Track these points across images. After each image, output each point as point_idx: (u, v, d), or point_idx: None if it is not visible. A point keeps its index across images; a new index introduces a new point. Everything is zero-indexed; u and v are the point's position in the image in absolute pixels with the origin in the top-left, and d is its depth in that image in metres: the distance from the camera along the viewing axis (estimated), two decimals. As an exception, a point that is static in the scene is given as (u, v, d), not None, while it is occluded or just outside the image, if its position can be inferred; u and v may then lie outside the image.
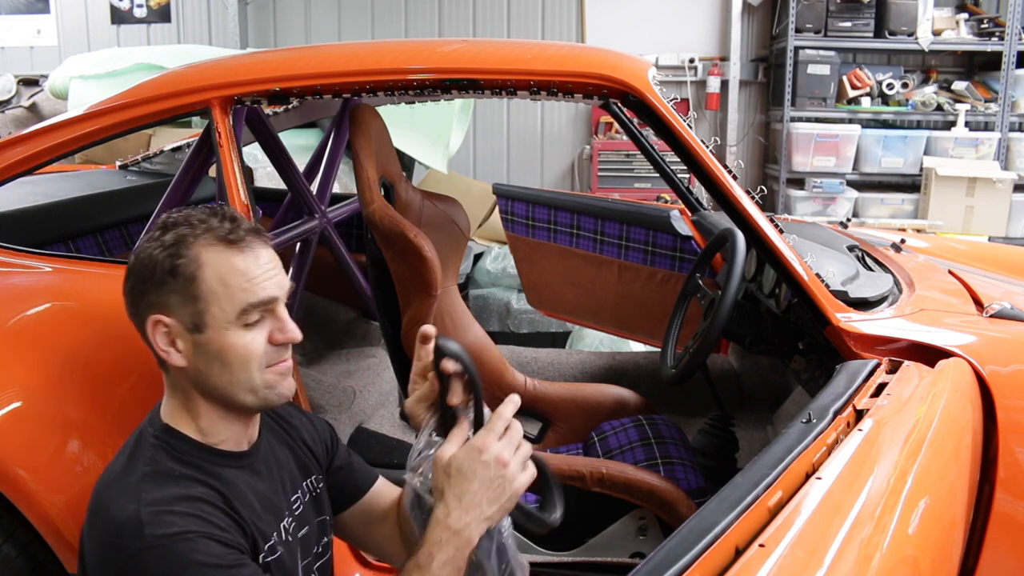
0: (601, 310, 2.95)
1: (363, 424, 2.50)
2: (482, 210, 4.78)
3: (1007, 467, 1.50)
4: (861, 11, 5.48)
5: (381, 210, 1.72)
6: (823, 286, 1.70)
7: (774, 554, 0.94)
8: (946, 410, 1.35)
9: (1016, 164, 5.52)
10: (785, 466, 1.15)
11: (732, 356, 2.82)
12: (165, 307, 1.16)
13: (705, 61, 6.02)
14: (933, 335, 1.64)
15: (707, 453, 2.24)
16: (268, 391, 1.20)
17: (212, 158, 1.81)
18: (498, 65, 1.71)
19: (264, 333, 1.19)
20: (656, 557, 0.96)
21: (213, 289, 1.15)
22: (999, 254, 2.74)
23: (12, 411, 1.59)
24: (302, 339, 1.22)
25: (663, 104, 1.66)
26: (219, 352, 1.16)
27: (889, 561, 0.98)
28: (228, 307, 1.16)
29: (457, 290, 2.24)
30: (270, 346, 1.19)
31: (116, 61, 4.36)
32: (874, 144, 5.56)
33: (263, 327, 1.19)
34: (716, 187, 1.67)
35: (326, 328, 2.94)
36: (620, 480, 1.80)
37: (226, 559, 1.08)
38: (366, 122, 1.79)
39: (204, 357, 1.17)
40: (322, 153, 2.72)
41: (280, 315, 1.21)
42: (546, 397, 2.30)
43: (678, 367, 1.96)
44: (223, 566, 1.07)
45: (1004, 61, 5.44)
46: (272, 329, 1.20)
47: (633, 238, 2.77)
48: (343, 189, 4.02)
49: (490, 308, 4.38)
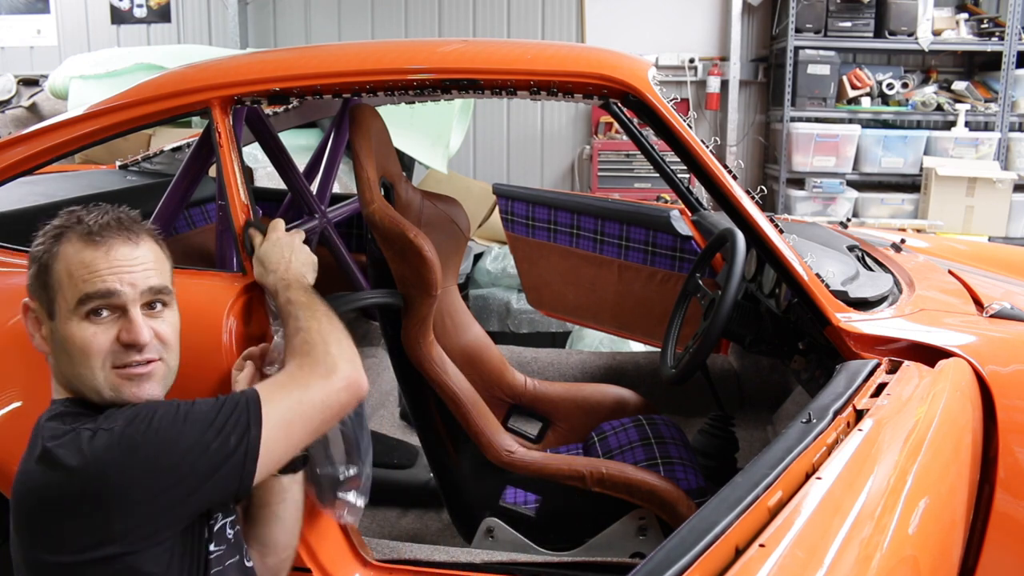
0: (601, 310, 2.94)
1: (363, 424, 2.50)
2: (482, 210, 4.78)
3: (1007, 467, 1.50)
4: (861, 11, 5.48)
5: (381, 210, 1.71)
6: (823, 286, 1.70)
7: (774, 554, 0.94)
8: (946, 410, 1.35)
9: (1016, 164, 5.51)
10: (785, 466, 1.15)
11: (732, 356, 2.82)
12: (33, 292, 1.27)
13: (705, 61, 6.02)
14: (933, 335, 1.64)
15: (707, 453, 2.24)
16: (112, 392, 1.23)
17: (212, 158, 1.81)
18: (498, 65, 1.71)
19: (111, 331, 1.23)
20: (656, 557, 0.97)
21: (59, 278, 1.23)
22: (999, 254, 2.74)
23: (12, 411, 1.59)
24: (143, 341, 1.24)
25: (663, 104, 1.66)
26: (63, 341, 1.23)
27: (889, 561, 0.98)
28: (69, 296, 1.22)
29: (457, 290, 2.24)
30: (118, 345, 1.23)
31: (116, 61, 4.35)
32: (874, 144, 5.56)
33: (108, 324, 1.23)
34: (716, 187, 1.67)
35: (326, 328, 2.94)
36: (620, 480, 1.80)
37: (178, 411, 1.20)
38: (366, 122, 1.79)
39: (54, 345, 1.25)
40: (322, 153, 2.71)
41: (132, 315, 1.23)
42: (546, 397, 2.30)
43: (678, 367, 1.96)
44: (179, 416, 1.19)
45: (1004, 61, 5.44)
46: (121, 328, 1.23)
47: (633, 238, 2.77)
48: (343, 189, 4.02)
49: (490, 308, 4.38)
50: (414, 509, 2.33)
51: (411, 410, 1.97)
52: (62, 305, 1.22)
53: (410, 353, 1.80)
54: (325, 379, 1.30)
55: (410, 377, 1.88)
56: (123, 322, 1.23)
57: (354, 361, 1.36)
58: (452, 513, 2.00)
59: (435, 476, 1.99)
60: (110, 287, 1.22)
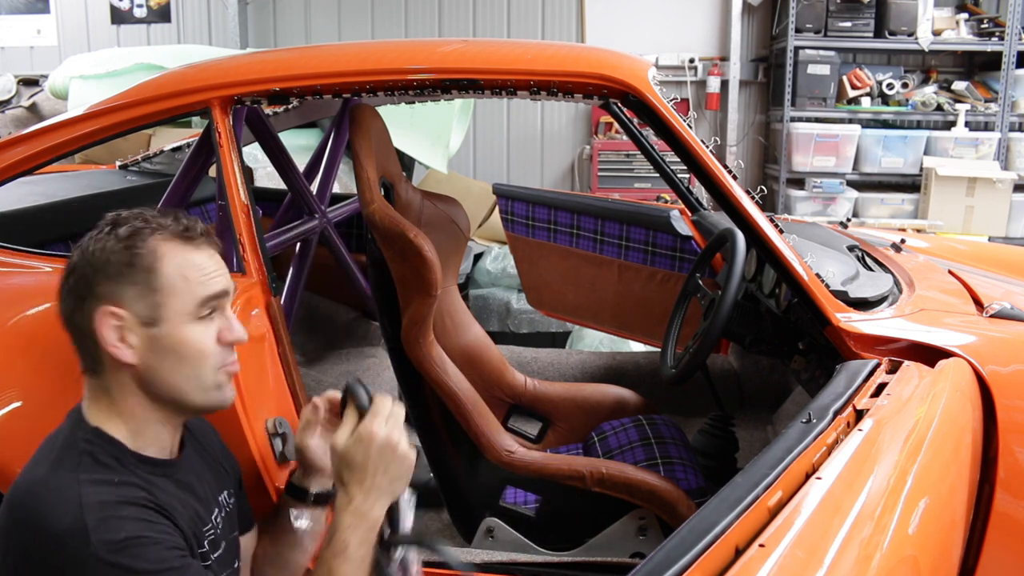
0: (601, 310, 2.95)
1: (363, 424, 2.50)
2: (482, 210, 4.78)
3: (1007, 467, 1.50)
4: (861, 11, 5.48)
5: (381, 210, 1.71)
6: (823, 286, 1.70)
7: (774, 554, 0.94)
8: (946, 410, 1.35)
9: (1016, 164, 5.51)
10: (785, 466, 1.15)
11: (732, 356, 2.82)
12: (119, 299, 1.14)
13: (705, 61, 6.02)
14: (933, 335, 1.64)
15: (707, 453, 2.24)
16: (216, 392, 1.21)
17: (212, 158, 1.81)
18: (498, 65, 1.71)
19: (213, 332, 1.20)
20: (656, 557, 0.96)
21: (173, 282, 1.16)
22: (999, 254, 2.74)
23: (12, 411, 1.59)
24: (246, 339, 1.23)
25: (663, 104, 1.66)
26: (175, 346, 1.16)
27: (889, 561, 0.98)
28: (188, 299, 1.17)
29: (457, 290, 2.24)
30: (218, 346, 1.20)
31: (116, 61, 4.35)
32: (874, 144, 5.56)
33: (212, 325, 1.20)
34: (716, 187, 1.67)
35: (326, 328, 2.94)
36: (620, 480, 1.80)
37: (174, 562, 1.07)
38: (366, 122, 1.79)
39: (157, 352, 1.16)
40: (322, 153, 2.72)
41: (228, 314, 1.22)
42: (546, 397, 2.31)
43: (678, 367, 1.96)
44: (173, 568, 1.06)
45: (1004, 61, 5.44)
46: (221, 328, 1.21)
47: (633, 238, 2.77)
48: (343, 189, 4.02)
49: (490, 308, 4.38)
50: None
51: (411, 410, 1.97)
52: (176, 308, 1.16)
53: (410, 353, 1.80)
54: None
55: (410, 377, 1.88)
56: (220, 321, 1.21)
57: None
58: (452, 513, 2.00)
59: (435, 476, 1.99)
60: (226, 288, 1.21)
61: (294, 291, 2.44)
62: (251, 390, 1.57)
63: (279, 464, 1.60)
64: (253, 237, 1.70)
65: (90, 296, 1.15)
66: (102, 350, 1.15)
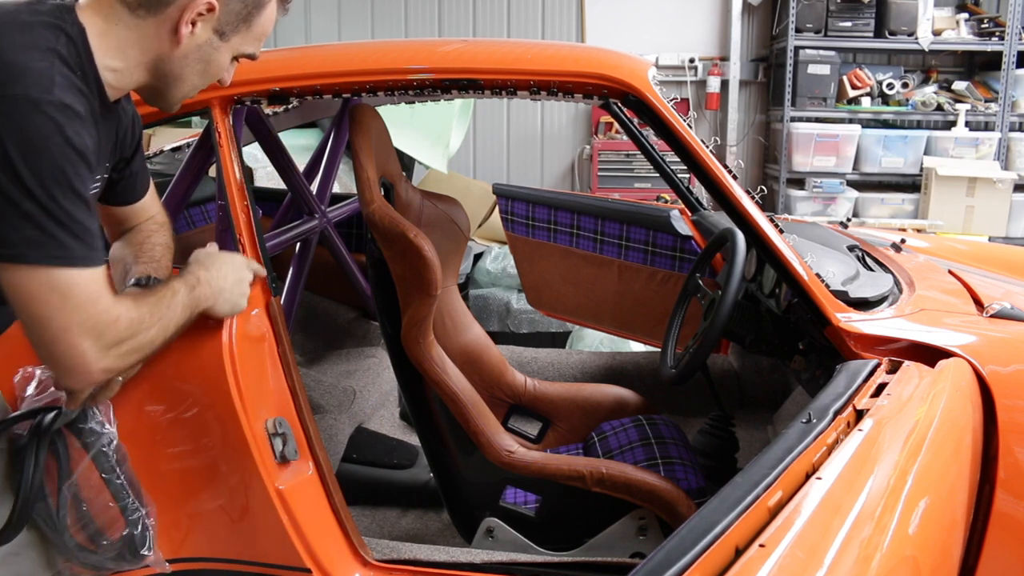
0: (601, 310, 2.94)
1: (363, 424, 2.50)
2: (482, 210, 4.78)
3: (1007, 467, 1.50)
4: (861, 11, 5.48)
5: (381, 210, 1.71)
6: (823, 286, 1.70)
7: (774, 554, 0.93)
8: (946, 410, 1.35)
9: (1016, 164, 5.52)
10: (785, 466, 1.15)
11: (732, 356, 2.82)
12: (226, 3, 1.29)
13: (705, 61, 6.02)
14: (933, 335, 1.64)
15: (707, 453, 2.24)
16: (176, 105, 1.38)
17: (212, 158, 1.81)
18: (498, 65, 1.71)
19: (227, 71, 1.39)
20: (656, 557, 0.96)
21: (259, 23, 1.35)
22: (999, 254, 2.73)
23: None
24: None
25: (663, 104, 1.66)
26: (212, 61, 1.33)
27: (889, 561, 0.98)
28: (250, 42, 1.35)
29: (457, 290, 2.24)
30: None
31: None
32: (874, 144, 5.56)
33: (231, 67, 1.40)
34: (716, 187, 1.67)
35: (326, 328, 2.94)
36: (620, 480, 1.80)
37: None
38: (366, 122, 1.79)
39: (199, 52, 1.31)
40: (322, 153, 2.71)
41: (234, 69, 1.41)
42: (546, 397, 2.30)
43: (678, 367, 1.96)
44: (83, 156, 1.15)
45: (1004, 61, 5.44)
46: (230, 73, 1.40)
47: (633, 238, 2.77)
48: (343, 189, 4.02)
49: (490, 308, 4.38)
50: (414, 509, 2.33)
51: (411, 410, 1.97)
52: (238, 42, 1.34)
53: (410, 353, 1.80)
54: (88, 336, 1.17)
55: (410, 377, 1.88)
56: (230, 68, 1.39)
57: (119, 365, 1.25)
58: (452, 513, 2.00)
59: (435, 476, 1.99)
60: (257, 54, 1.40)
61: (294, 291, 2.44)
62: (251, 390, 1.57)
63: (279, 464, 1.61)
64: (253, 237, 1.70)
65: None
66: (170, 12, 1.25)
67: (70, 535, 1.43)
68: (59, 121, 1.10)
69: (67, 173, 1.12)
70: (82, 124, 1.15)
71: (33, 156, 1.08)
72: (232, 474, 1.61)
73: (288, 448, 1.61)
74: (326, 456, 1.72)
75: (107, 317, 1.19)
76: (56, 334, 1.16)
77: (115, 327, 1.21)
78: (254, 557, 1.67)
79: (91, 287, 1.17)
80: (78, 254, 1.14)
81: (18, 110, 1.08)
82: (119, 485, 1.44)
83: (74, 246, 1.13)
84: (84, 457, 1.41)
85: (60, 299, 1.13)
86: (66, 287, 1.14)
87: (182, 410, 1.59)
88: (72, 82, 1.15)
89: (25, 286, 1.13)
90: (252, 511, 1.61)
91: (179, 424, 1.59)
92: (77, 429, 1.39)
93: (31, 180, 1.08)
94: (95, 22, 1.23)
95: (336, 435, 2.37)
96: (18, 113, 1.08)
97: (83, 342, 1.17)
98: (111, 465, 1.43)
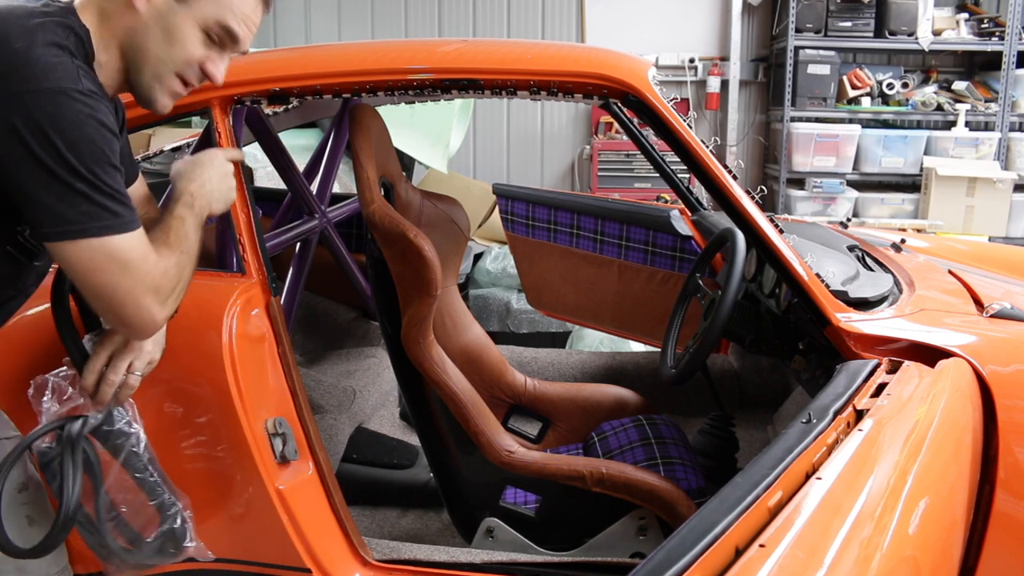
0: (601, 310, 2.94)
1: (363, 424, 2.50)
2: (482, 210, 4.78)
3: (1007, 467, 1.50)
4: (861, 11, 5.48)
5: (381, 210, 1.72)
6: (823, 286, 1.70)
7: (774, 554, 0.93)
8: (946, 410, 1.35)
9: (1016, 164, 5.52)
10: (785, 466, 1.15)
11: (732, 356, 2.82)
12: None
13: (705, 61, 6.02)
14: (933, 335, 1.64)
15: (707, 453, 2.24)
16: (158, 89, 1.34)
17: (212, 158, 1.81)
18: (498, 65, 1.71)
19: (203, 52, 1.34)
20: (656, 557, 0.96)
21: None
22: (999, 254, 2.73)
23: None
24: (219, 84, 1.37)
25: (663, 104, 1.66)
26: (173, 30, 1.30)
27: (889, 561, 0.98)
28: (215, 13, 1.31)
29: (457, 290, 2.24)
30: (193, 62, 1.34)
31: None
32: (874, 144, 5.56)
33: (210, 50, 1.34)
34: (716, 187, 1.67)
35: (326, 328, 2.94)
36: (620, 480, 1.80)
37: None
38: (366, 122, 1.79)
39: (160, 20, 1.30)
40: (322, 153, 2.71)
41: (223, 58, 1.36)
42: (546, 397, 2.30)
43: (678, 367, 1.96)
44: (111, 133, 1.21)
45: (1004, 61, 5.44)
46: (211, 57, 1.35)
47: (633, 238, 2.77)
48: (343, 189, 4.02)
49: (490, 308, 4.38)
50: (414, 509, 2.33)
51: (411, 410, 1.97)
52: (203, 9, 1.30)
53: (410, 353, 1.80)
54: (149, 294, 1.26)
55: (410, 377, 1.88)
56: (215, 54, 1.35)
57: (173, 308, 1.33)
58: (452, 513, 2.00)
59: (435, 476, 1.99)
60: (236, 29, 1.34)
61: (294, 291, 2.44)
62: (251, 390, 1.57)
63: (279, 464, 1.61)
64: (253, 237, 1.70)
65: None
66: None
67: (112, 537, 1.45)
68: (91, 105, 1.19)
69: (105, 151, 1.20)
70: (105, 103, 1.24)
71: (75, 141, 1.17)
72: (232, 474, 1.61)
73: (288, 448, 1.61)
74: (326, 456, 1.72)
75: (159, 271, 1.28)
76: (124, 298, 1.25)
77: (167, 277, 1.29)
78: (254, 557, 1.67)
79: (141, 248, 1.26)
80: (128, 219, 1.23)
81: (53, 101, 1.16)
82: (153, 483, 1.46)
83: (123, 212, 1.22)
84: (115, 460, 1.43)
85: (120, 266, 1.22)
86: (124, 252, 1.22)
87: (182, 410, 1.59)
88: (88, 72, 1.24)
89: (90, 258, 1.21)
90: (252, 511, 1.61)
91: (179, 424, 1.60)
92: (103, 433, 1.41)
93: (77, 162, 1.17)
94: (89, 22, 1.30)
95: (336, 435, 2.37)
96: (53, 104, 1.16)
97: (146, 299, 1.26)
98: (143, 464, 1.44)
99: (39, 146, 1.14)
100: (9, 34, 1.17)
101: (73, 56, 1.21)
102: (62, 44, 1.20)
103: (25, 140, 1.14)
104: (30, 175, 1.16)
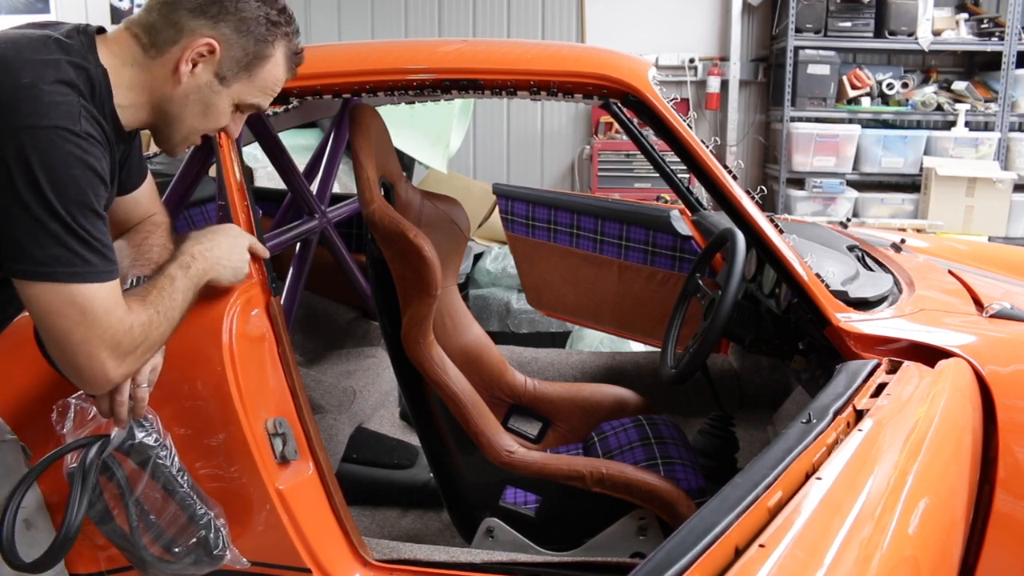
0: (601, 310, 2.94)
1: (363, 424, 2.50)
2: (482, 210, 4.78)
3: (1007, 467, 1.50)
4: (861, 11, 5.48)
5: (381, 210, 1.71)
6: (823, 286, 1.70)
7: (774, 554, 0.93)
8: (946, 410, 1.35)
9: (1016, 164, 5.52)
10: (785, 466, 1.15)
11: (732, 356, 2.82)
12: (226, 43, 1.33)
13: (705, 61, 6.02)
14: (933, 335, 1.64)
15: (707, 453, 2.24)
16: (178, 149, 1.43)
17: (212, 158, 1.81)
18: (498, 65, 1.71)
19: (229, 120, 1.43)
20: (656, 557, 0.97)
21: (261, 73, 1.39)
22: (999, 254, 2.73)
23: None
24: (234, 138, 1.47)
25: (663, 104, 1.66)
26: (211, 105, 1.37)
27: (889, 561, 0.98)
28: (250, 94, 1.40)
29: (457, 290, 2.24)
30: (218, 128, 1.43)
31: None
32: (874, 144, 5.56)
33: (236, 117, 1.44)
34: (716, 187, 1.67)
35: (326, 328, 2.94)
36: (620, 480, 1.80)
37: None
38: (366, 122, 1.79)
39: (198, 95, 1.35)
40: (322, 153, 2.71)
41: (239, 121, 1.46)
42: (546, 397, 2.30)
43: (678, 367, 1.96)
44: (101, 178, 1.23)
45: (1004, 61, 5.44)
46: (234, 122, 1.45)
47: (633, 238, 2.77)
48: (343, 189, 4.02)
49: (490, 308, 4.38)
50: (414, 509, 2.33)
51: (411, 410, 1.97)
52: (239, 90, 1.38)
53: (410, 353, 1.80)
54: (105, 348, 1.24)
55: (410, 377, 1.88)
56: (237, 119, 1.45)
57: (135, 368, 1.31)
58: (452, 513, 2.00)
59: (435, 476, 1.99)
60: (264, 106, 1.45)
61: (294, 291, 2.44)
62: (251, 390, 1.57)
63: (279, 464, 1.60)
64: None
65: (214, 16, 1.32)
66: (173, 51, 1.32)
67: (147, 550, 1.45)
68: (84, 148, 1.19)
69: (88, 195, 1.20)
70: (100, 150, 1.24)
71: (60, 181, 1.17)
72: (232, 474, 1.61)
73: (288, 448, 1.61)
74: (326, 456, 1.72)
75: (122, 327, 1.25)
76: (76, 347, 1.23)
77: (130, 335, 1.27)
78: (254, 557, 1.67)
79: (108, 301, 1.23)
80: (99, 269, 1.22)
81: (47, 138, 1.16)
82: (184, 493, 1.46)
83: (96, 262, 1.21)
84: (143, 473, 1.43)
85: (80, 314, 1.20)
86: (86, 302, 1.21)
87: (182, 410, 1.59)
88: (92, 114, 1.24)
89: (49, 302, 1.20)
90: (252, 511, 1.61)
91: (179, 424, 1.59)
92: (126, 448, 1.41)
93: (57, 202, 1.17)
94: (112, 64, 1.31)
95: (336, 435, 2.37)
96: (47, 142, 1.16)
97: (101, 353, 1.24)
98: (172, 475, 1.45)
99: (22, 181, 1.14)
100: (20, 68, 1.18)
101: (81, 95, 1.21)
102: (72, 83, 1.21)
103: (11, 173, 1.14)
104: (7, 209, 1.15)
